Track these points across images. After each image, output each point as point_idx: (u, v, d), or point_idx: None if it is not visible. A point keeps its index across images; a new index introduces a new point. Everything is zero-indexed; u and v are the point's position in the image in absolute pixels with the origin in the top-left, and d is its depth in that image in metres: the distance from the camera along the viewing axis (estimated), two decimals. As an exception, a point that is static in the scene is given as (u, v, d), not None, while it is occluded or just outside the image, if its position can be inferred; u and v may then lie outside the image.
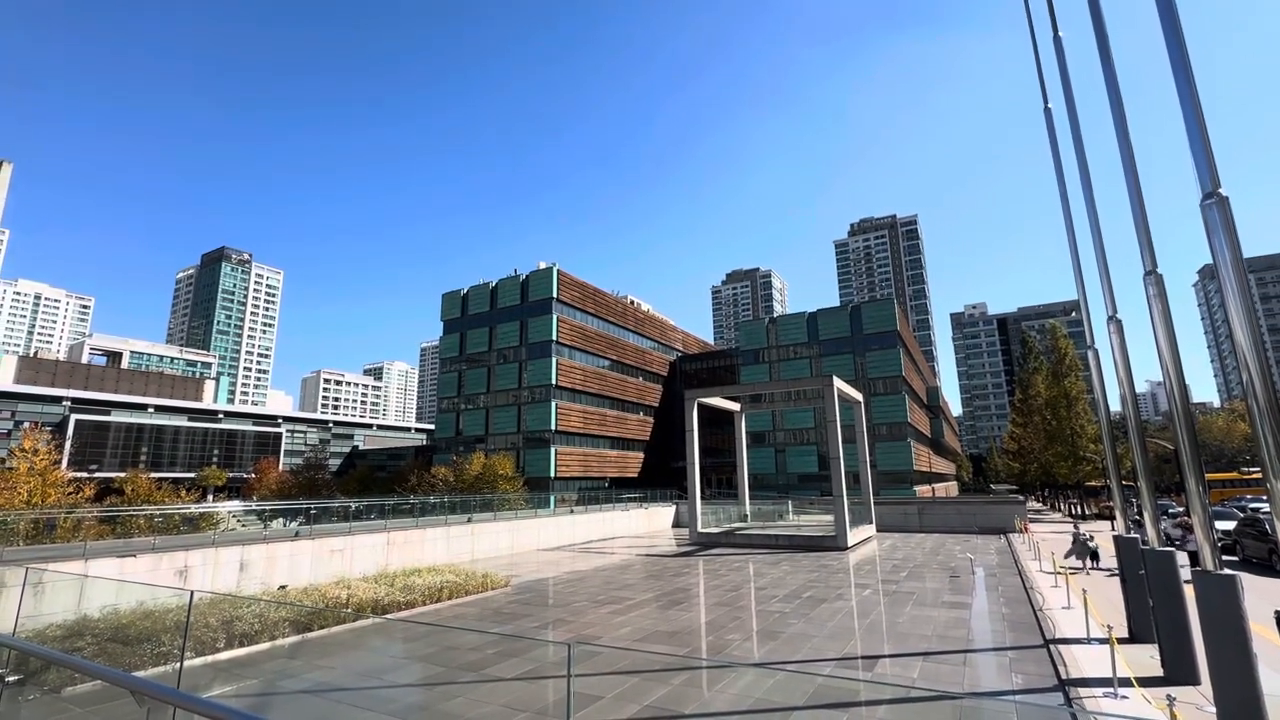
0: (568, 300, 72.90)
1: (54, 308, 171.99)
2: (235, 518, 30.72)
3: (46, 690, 8.95)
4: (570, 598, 17.02)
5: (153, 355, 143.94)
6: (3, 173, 47.27)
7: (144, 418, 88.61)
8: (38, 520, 22.79)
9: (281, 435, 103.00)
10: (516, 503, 36.67)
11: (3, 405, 77.40)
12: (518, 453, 67.26)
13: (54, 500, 28.98)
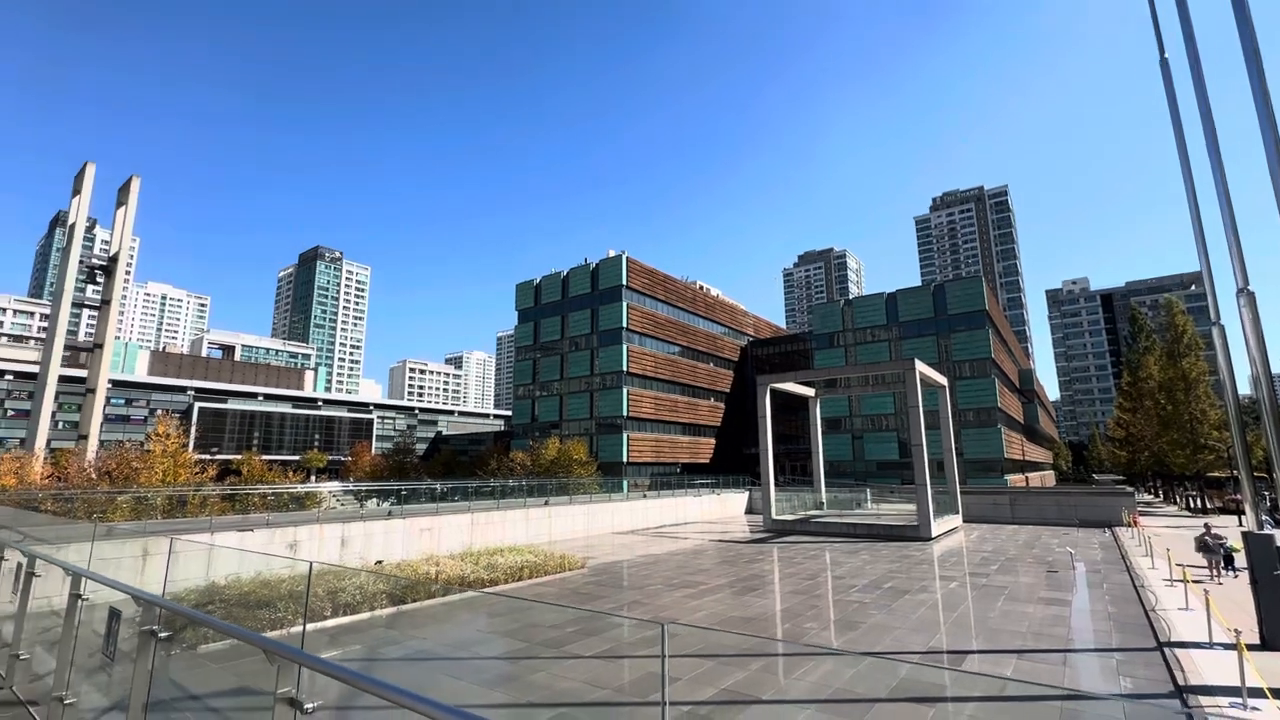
0: (637, 287, 73.25)
1: (177, 307, 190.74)
2: (335, 497, 33.15)
3: (185, 647, 10.09)
4: (645, 581, 17.29)
5: (260, 348, 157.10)
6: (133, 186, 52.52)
7: (255, 405, 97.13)
8: (171, 497, 25.52)
9: (373, 421, 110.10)
10: (591, 487, 37.51)
11: (139, 394, 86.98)
12: (591, 438, 68.66)
13: (183, 479, 32.34)
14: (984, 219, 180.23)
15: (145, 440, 39.31)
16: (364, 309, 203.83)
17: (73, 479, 33.18)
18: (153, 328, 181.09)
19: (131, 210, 53.79)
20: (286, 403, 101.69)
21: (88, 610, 4.32)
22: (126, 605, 3.92)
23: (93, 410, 48.74)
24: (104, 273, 53.16)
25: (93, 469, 33.80)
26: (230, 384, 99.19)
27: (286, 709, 1.95)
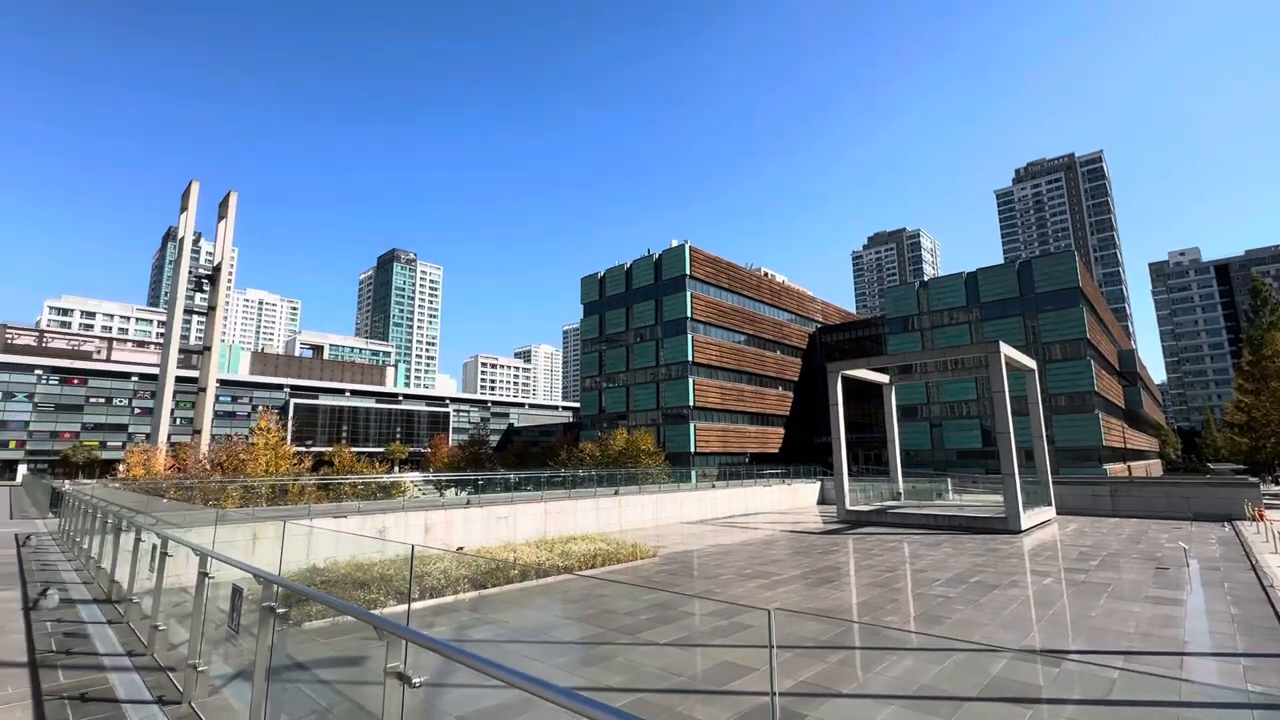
0: (701, 276, 72.69)
1: (272, 310, 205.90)
2: (417, 487, 34.92)
3: (291, 623, 10.97)
4: (716, 570, 17.26)
5: (345, 347, 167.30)
6: (231, 200, 56.87)
7: (342, 400, 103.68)
8: (274, 486, 27.69)
9: (449, 414, 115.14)
10: (659, 477, 37.74)
11: (242, 392, 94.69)
12: (658, 428, 68.99)
13: (284, 470, 35.02)
14: (1075, 189, 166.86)
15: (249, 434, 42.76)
16: (438, 307, 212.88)
17: (190, 469, 36.61)
18: (252, 330, 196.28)
19: (231, 223, 58.38)
20: (371, 398, 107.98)
21: (213, 587, 4.76)
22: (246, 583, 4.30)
23: (204, 407, 53.47)
24: (209, 281, 58.05)
25: (206, 460, 37.16)
26: (320, 381, 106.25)
27: (396, 683, 2.08)
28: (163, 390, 52.81)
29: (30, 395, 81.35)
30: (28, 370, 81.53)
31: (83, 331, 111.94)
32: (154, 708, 4.42)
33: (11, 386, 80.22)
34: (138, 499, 16.55)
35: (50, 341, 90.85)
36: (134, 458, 40.11)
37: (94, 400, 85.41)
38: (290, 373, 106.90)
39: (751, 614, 12.13)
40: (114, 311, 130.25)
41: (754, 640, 10.43)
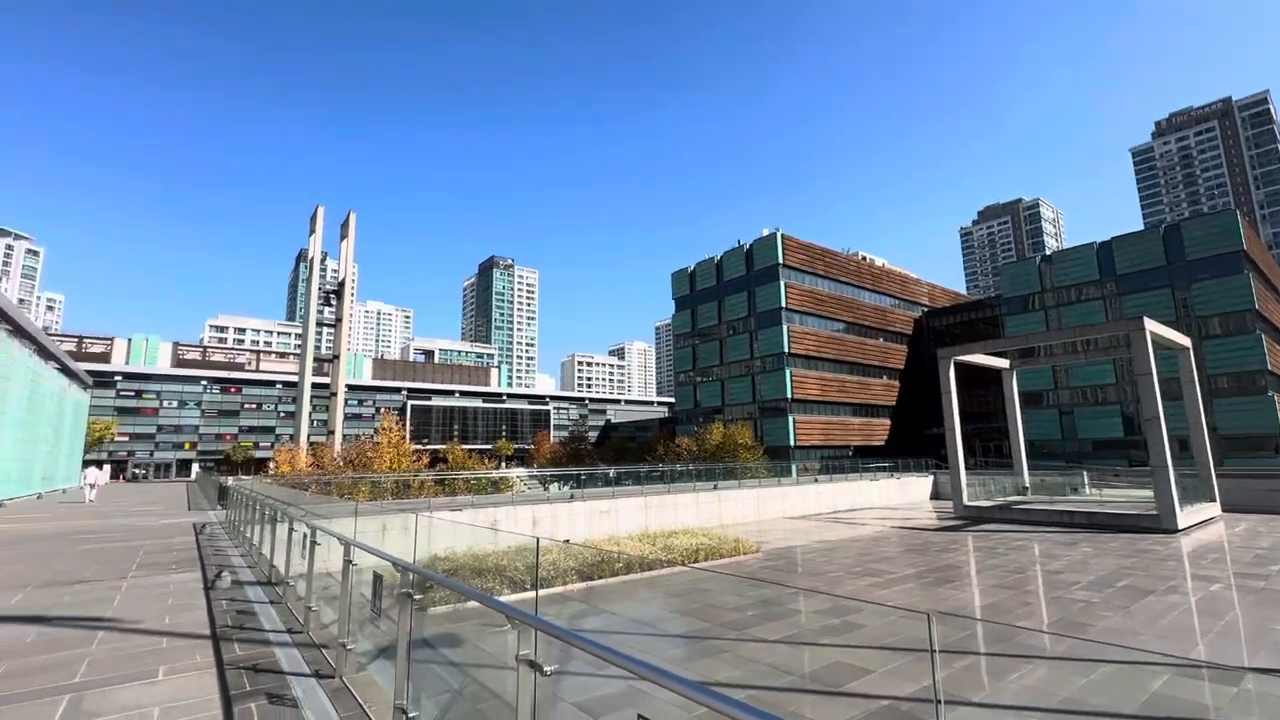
0: (794, 264, 70.51)
1: (388, 319, 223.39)
2: (522, 481, 36.58)
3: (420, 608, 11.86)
4: (823, 567, 16.72)
5: (453, 350, 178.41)
6: (351, 220, 62.16)
7: (453, 401, 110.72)
8: (397, 481, 30.05)
9: (550, 412, 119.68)
10: (758, 471, 37.11)
11: (366, 395, 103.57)
12: (755, 422, 67.82)
13: (405, 466, 37.93)
14: (1232, 138, 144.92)
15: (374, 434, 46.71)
16: (535, 310, 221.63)
17: (327, 466, 40.55)
18: (372, 339, 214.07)
19: (351, 241, 63.95)
20: (477, 398, 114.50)
21: (356, 573, 5.23)
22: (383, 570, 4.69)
23: (336, 410, 59.06)
24: (335, 296, 63.96)
25: (340, 458, 40.99)
26: (433, 384, 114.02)
27: (528, 670, 2.18)
28: (302, 396, 58.93)
29: (199, 403, 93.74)
30: (195, 381, 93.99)
31: (236, 346, 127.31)
32: (312, 680, 4.93)
33: (184, 396, 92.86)
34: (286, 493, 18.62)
35: (211, 356, 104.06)
36: (281, 456, 45.08)
37: (248, 406, 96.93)
38: (406, 376, 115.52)
39: (864, 613, 11.63)
40: (260, 327, 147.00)
41: (868, 640, 10.00)
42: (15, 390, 33.93)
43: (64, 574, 10.18)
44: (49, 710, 4.41)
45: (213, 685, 4.86)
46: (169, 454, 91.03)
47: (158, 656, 5.64)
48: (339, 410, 58.94)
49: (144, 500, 32.98)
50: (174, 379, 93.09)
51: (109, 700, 4.59)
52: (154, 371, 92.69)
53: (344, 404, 69.23)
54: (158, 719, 4.25)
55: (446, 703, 4.99)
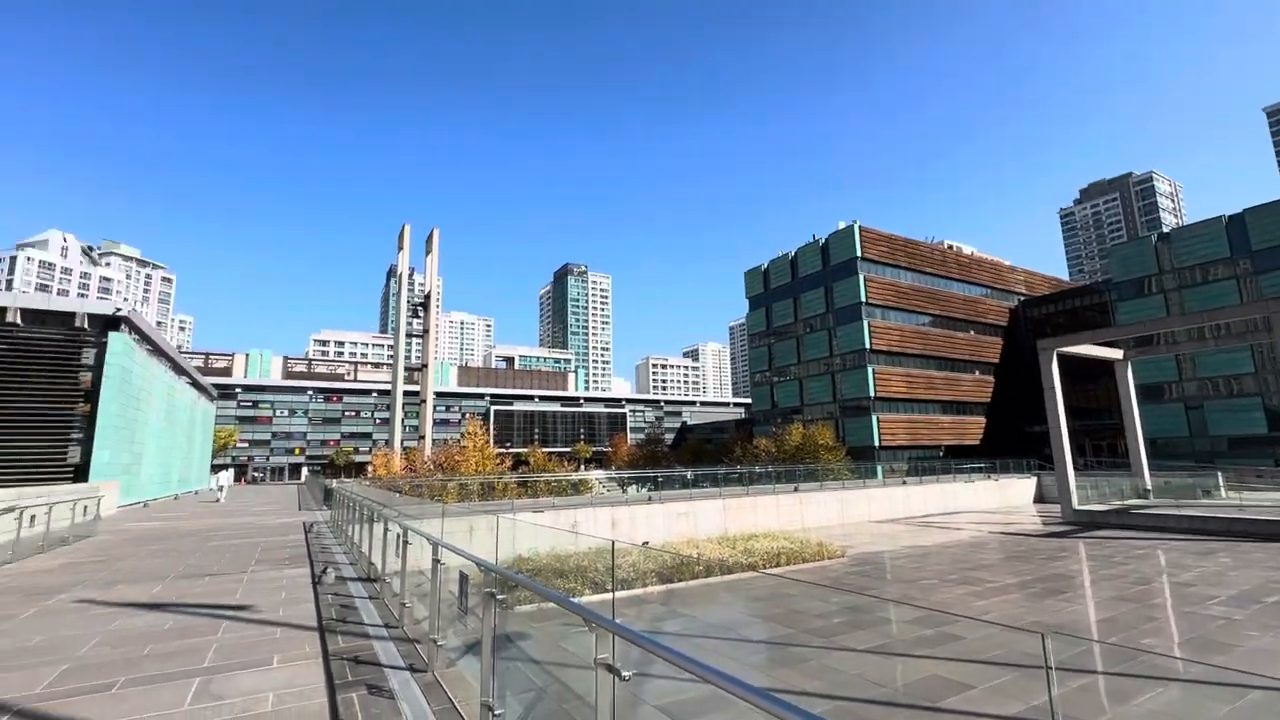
0: (874, 257, 67.61)
1: (471, 329, 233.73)
2: (601, 484, 37.09)
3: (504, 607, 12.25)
4: (915, 574, 15.86)
5: (532, 356, 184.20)
6: (434, 236, 65.47)
7: (532, 405, 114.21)
8: (483, 483, 31.25)
9: (626, 415, 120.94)
10: (841, 473, 35.80)
11: (453, 401, 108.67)
12: (836, 422, 65.52)
13: (489, 469, 39.40)
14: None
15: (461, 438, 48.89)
16: (609, 315, 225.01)
17: (419, 469, 42.84)
18: (457, 347, 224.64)
19: (435, 256, 67.40)
20: (556, 402, 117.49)
21: (444, 572, 5.46)
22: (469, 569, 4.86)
23: (426, 416, 62.31)
24: (422, 309, 67.59)
25: (430, 462, 43.19)
26: (514, 389, 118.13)
27: (606, 674, 2.17)
28: (395, 404, 62.68)
29: (306, 412, 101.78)
30: (303, 392, 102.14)
31: (336, 358, 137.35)
32: (406, 674, 5.18)
33: (293, 405, 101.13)
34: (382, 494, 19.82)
35: (315, 368, 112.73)
36: (378, 460, 48.09)
37: (348, 414, 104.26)
38: (489, 383, 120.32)
39: (960, 623, 10.92)
40: (357, 340, 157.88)
41: (968, 653, 9.36)
42: (156, 404, 38.17)
43: (197, 567, 11.30)
44: (183, 692, 4.87)
45: (319, 674, 5.21)
46: (282, 459, 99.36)
47: (272, 645, 6.12)
48: (428, 416, 62.14)
49: (262, 501, 36.16)
50: (284, 390, 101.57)
51: (232, 684, 5.01)
52: (267, 383, 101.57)
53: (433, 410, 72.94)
54: (272, 704, 4.60)
55: (531, 701, 5.10)
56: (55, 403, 28.04)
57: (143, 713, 4.46)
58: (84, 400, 28.60)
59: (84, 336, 29.26)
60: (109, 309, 30.80)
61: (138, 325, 33.21)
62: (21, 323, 28.39)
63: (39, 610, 7.84)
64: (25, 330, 28.35)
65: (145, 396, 35.26)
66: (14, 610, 7.87)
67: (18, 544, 12.61)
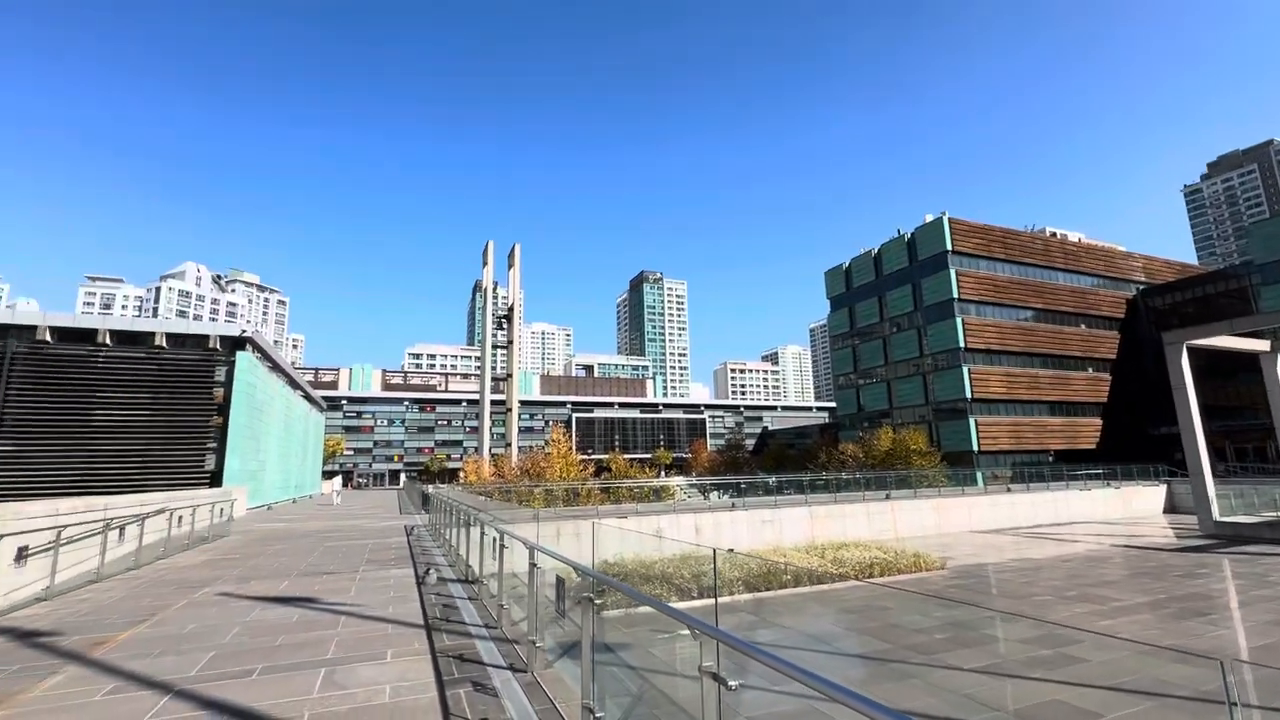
0: (966, 250, 63.67)
1: (552, 339, 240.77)
2: (682, 490, 37.03)
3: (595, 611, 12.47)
4: (1025, 589, 14.73)
5: (610, 364, 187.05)
6: (516, 251, 68.08)
7: (612, 412, 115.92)
8: (567, 489, 32.02)
9: (705, 420, 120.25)
10: (936, 479, 33.84)
11: (536, 409, 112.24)
12: (929, 425, 62.06)
13: (573, 475, 40.37)
14: None
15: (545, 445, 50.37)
16: (685, 321, 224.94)
17: (506, 475, 44.53)
18: (539, 356, 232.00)
19: (517, 270, 70.09)
20: (635, 409, 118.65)
21: (540, 575, 5.65)
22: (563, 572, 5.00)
23: (512, 424, 64.74)
24: (506, 321, 70.43)
25: (517, 468, 44.78)
26: (593, 396, 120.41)
27: (711, 682, 2.18)
28: (483, 412, 65.59)
29: (403, 421, 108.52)
30: (399, 403, 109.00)
31: (428, 370, 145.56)
32: (507, 673, 5.40)
33: (392, 415, 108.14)
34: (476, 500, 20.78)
35: (410, 379, 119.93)
36: (469, 466, 50.46)
37: (440, 423, 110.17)
38: (569, 391, 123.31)
39: (1083, 644, 10.02)
40: (446, 352, 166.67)
41: (1092, 677, 8.58)
42: (276, 415, 41.97)
43: (315, 566, 12.29)
44: (311, 680, 5.32)
45: (428, 670, 5.53)
46: (383, 465, 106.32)
47: (385, 641, 6.56)
48: (514, 424, 64.52)
49: (368, 505, 38.84)
50: (383, 401, 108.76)
51: (353, 676, 5.42)
52: (368, 395, 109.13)
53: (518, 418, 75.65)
54: (389, 696, 4.93)
55: (628, 706, 5.17)
56: (194, 416, 31.46)
57: (279, 697, 4.91)
58: (217, 413, 31.91)
59: (216, 356, 32.68)
60: (235, 331, 34.24)
61: (259, 345, 36.69)
62: (166, 346, 32.11)
63: (188, 602, 8.81)
64: (170, 352, 32.04)
65: (267, 409, 38.85)
66: (170, 600, 8.89)
67: (168, 541, 14.23)
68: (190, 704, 4.81)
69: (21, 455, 28.64)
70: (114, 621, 7.67)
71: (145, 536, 12.89)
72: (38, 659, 6.10)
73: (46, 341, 30.36)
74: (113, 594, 9.51)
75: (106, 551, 11.13)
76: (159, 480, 29.14)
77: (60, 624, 7.62)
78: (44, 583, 9.35)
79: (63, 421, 29.52)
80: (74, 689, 5.17)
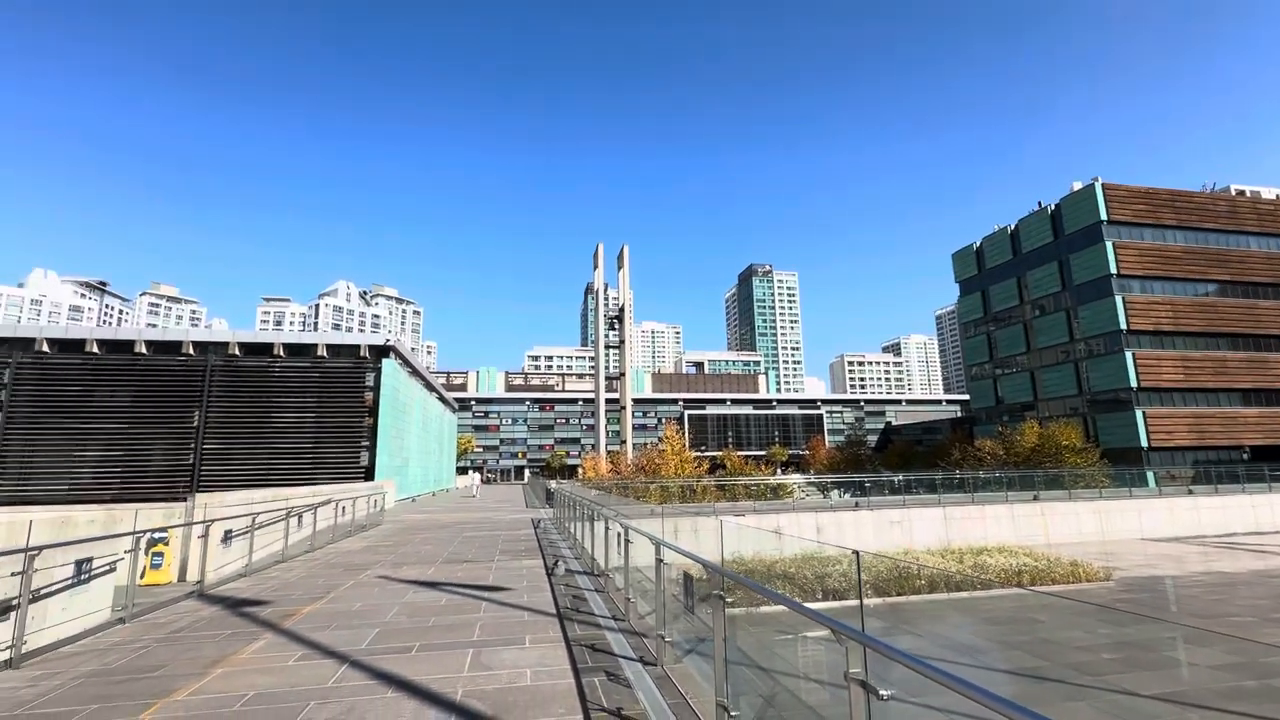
0: (1126, 219, 55.98)
1: (661, 337, 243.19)
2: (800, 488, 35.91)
3: (716, 608, 12.45)
4: (1216, 607, 12.71)
5: (721, 361, 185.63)
6: (625, 252, 69.53)
7: (724, 409, 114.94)
8: (683, 486, 32.22)
9: (822, 416, 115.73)
10: (1096, 479, 30.12)
11: (649, 407, 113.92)
12: (1084, 419, 55.36)
13: (688, 472, 40.54)
14: None
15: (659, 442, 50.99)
16: (797, 312, 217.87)
17: (623, 472, 45.64)
18: (649, 355, 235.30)
19: (627, 271, 71.56)
20: (747, 405, 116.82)
21: (666, 570, 5.75)
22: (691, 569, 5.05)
23: (626, 422, 66.25)
24: (618, 321, 72.15)
25: (632, 465, 45.76)
26: (705, 394, 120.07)
27: (860, 691, 2.10)
28: (598, 411, 67.78)
29: (525, 420, 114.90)
30: (521, 403, 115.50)
31: (546, 371, 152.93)
32: (638, 665, 5.54)
33: (515, 414, 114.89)
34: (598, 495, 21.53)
35: (531, 381, 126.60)
36: (587, 463, 52.35)
37: (559, 421, 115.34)
38: (680, 388, 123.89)
39: (1299, 678, 8.47)
40: (562, 353, 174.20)
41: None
42: (415, 416, 46.12)
43: (457, 555, 13.36)
44: (461, 659, 5.80)
45: (564, 658, 5.82)
46: (509, 461, 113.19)
47: (523, 627, 6.99)
48: (628, 422, 65.98)
49: (497, 499, 41.56)
50: (507, 401, 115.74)
51: (497, 658, 5.83)
52: (494, 396, 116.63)
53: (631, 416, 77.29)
54: (530, 679, 5.25)
55: (760, 708, 5.12)
56: (350, 417, 35.40)
57: (435, 674, 5.40)
58: (368, 414, 35.67)
59: (366, 364, 36.53)
60: (380, 340, 38.05)
61: (400, 352, 40.50)
62: (326, 355, 36.39)
63: (354, 583, 9.93)
64: (329, 361, 36.29)
65: (408, 410, 42.81)
66: (340, 580, 10.07)
67: (335, 529, 16.12)
68: (364, 674, 5.42)
69: (223, 453, 33.82)
70: (298, 596, 8.82)
71: (318, 524, 14.69)
72: (244, 626, 7.17)
73: (236, 355, 35.57)
74: (295, 573, 10.95)
75: (289, 536, 12.82)
76: (325, 474, 33.09)
77: (258, 595, 8.90)
78: (244, 561, 10.96)
79: (250, 423, 34.47)
80: (273, 654, 6.02)
